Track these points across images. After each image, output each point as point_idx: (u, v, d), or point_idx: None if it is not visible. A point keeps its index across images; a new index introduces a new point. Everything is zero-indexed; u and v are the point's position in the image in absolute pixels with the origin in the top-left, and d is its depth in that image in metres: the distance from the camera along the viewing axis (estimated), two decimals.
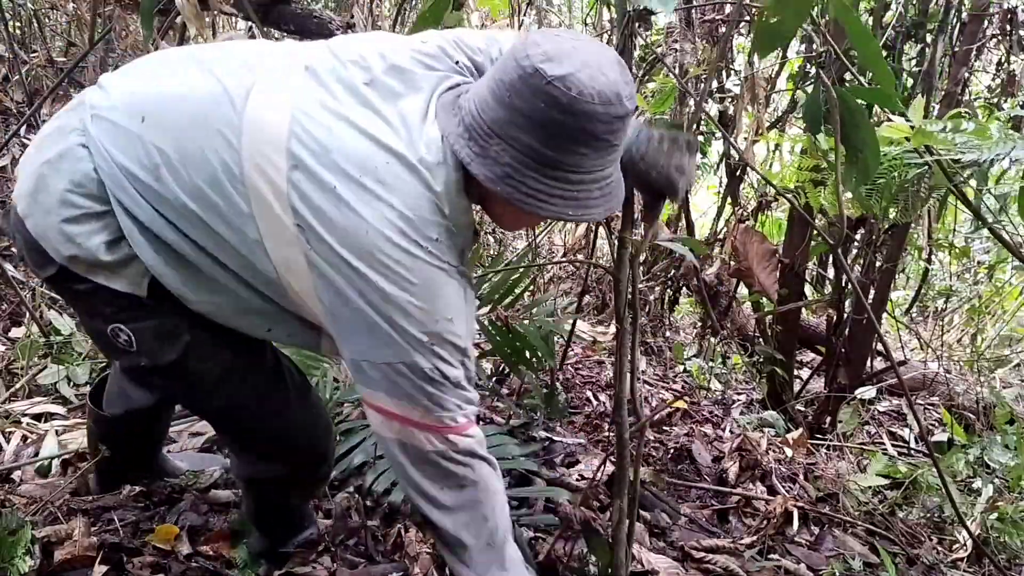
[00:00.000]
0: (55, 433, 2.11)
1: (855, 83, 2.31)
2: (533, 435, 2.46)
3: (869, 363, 3.41)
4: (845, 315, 3.22)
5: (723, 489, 2.39)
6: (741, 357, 3.73)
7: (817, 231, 2.64)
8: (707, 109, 3.47)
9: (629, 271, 1.41)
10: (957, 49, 3.00)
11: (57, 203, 1.19)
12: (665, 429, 2.79)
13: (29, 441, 2.10)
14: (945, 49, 3.03)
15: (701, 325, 4.13)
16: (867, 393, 3.09)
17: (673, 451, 2.60)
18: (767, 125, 3.14)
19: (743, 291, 3.90)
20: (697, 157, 1.48)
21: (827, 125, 1.69)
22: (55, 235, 1.19)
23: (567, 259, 2.93)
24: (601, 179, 1.13)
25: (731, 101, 3.61)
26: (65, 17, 4.08)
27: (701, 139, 3.92)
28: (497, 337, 2.15)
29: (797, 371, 3.64)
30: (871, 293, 3.12)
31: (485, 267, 2.23)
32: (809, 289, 3.90)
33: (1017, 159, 1.89)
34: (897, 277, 3.98)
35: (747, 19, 3.24)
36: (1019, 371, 4.47)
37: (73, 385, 2.39)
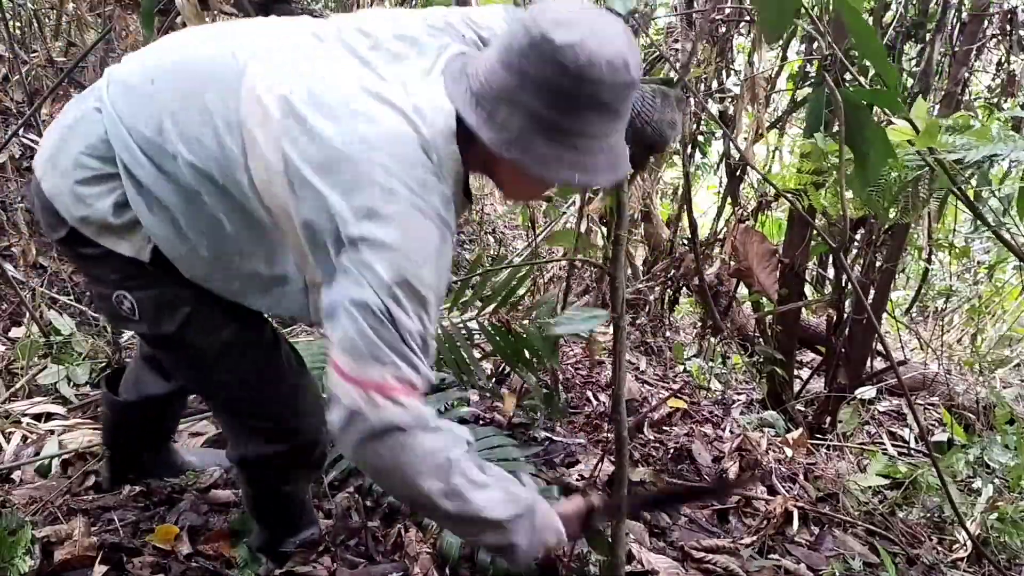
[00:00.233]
0: (53, 433, 2.11)
1: (855, 83, 2.31)
2: (534, 435, 2.46)
3: (869, 363, 3.42)
4: (845, 315, 3.23)
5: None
6: (741, 357, 3.73)
7: (817, 231, 2.64)
8: (707, 109, 3.47)
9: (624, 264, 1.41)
10: (957, 49, 3.00)
11: (72, 165, 1.24)
12: (665, 429, 2.79)
13: (29, 441, 2.10)
14: (945, 49, 3.03)
15: (701, 325, 4.12)
16: (867, 393, 3.09)
17: (673, 451, 2.60)
18: (767, 125, 3.14)
19: (743, 291, 3.90)
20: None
21: (830, 127, 1.69)
22: (68, 196, 1.24)
23: (567, 259, 2.93)
24: (607, 147, 1.14)
25: (731, 101, 3.61)
26: (65, 17, 4.08)
27: (701, 139, 3.92)
28: (497, 338, 2.15)
29: (797, 371, 3.64)
30: (871, 293, 3.12)
31: (485, 267, 2.23)
32: (809, 289, 3.90)
33: (1017, 160, 1.89)
34: (897, 277, 3.98)
35: (747, 19, 3.24)
36: (1019, 371, 4.47)
37: (73, 385, 2.39)
